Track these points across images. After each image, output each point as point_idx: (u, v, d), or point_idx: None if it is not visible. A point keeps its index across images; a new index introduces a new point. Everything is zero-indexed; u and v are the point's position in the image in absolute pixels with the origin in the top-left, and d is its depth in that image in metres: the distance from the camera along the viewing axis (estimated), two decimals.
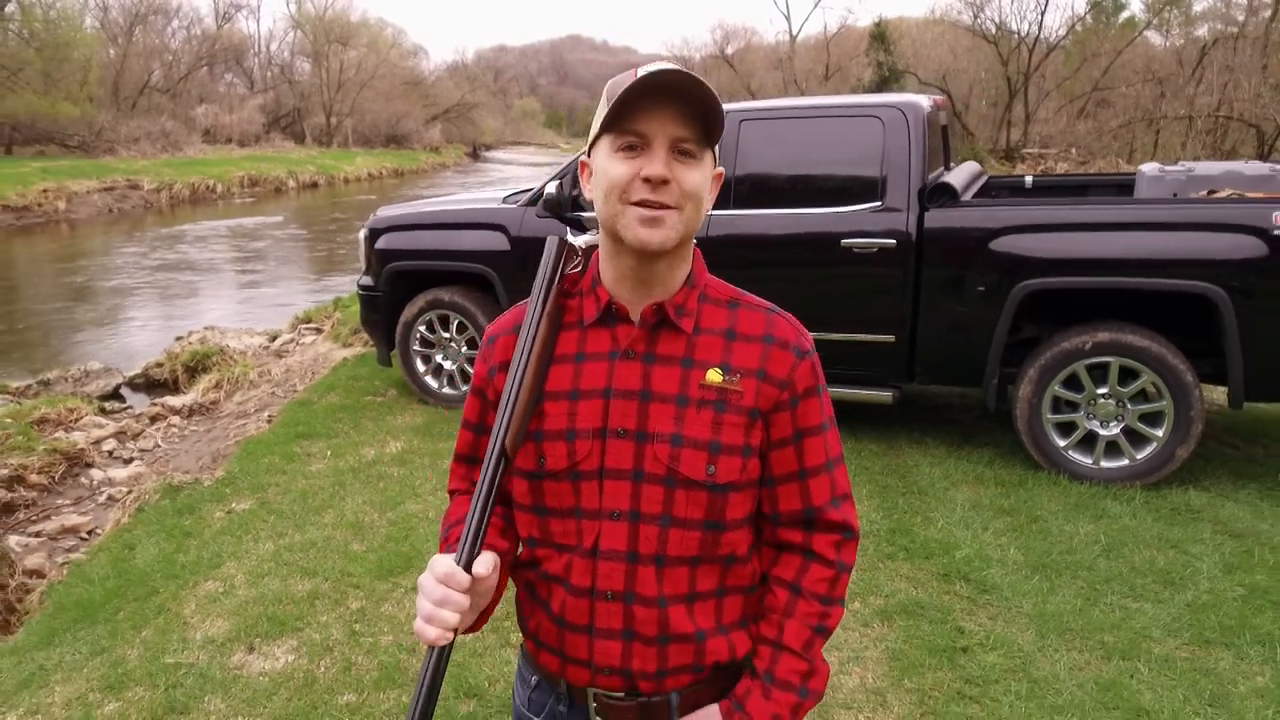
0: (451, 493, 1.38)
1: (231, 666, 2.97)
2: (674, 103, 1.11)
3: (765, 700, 1.20)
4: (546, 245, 1.23)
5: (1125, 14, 31.43)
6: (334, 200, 31.82)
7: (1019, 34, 30.14)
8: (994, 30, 30.73)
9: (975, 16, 31.17)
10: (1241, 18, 24.65)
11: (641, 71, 1.11)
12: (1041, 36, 29.90)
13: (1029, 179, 6.05)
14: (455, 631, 1.09)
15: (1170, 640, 3.06)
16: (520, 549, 1.28)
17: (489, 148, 69.68)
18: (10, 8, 36.11)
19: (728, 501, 1.19)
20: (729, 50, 53.88)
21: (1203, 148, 22.66)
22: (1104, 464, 4.36)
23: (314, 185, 37.57)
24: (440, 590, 1.08)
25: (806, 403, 1.23)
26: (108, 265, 16.77)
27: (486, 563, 1.11)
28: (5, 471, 5.42)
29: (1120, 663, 2.93)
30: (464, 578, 1.08)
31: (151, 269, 16.28)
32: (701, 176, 1.15)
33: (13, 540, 4.73)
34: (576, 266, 1.25)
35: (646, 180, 1.11)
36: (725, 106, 4.33)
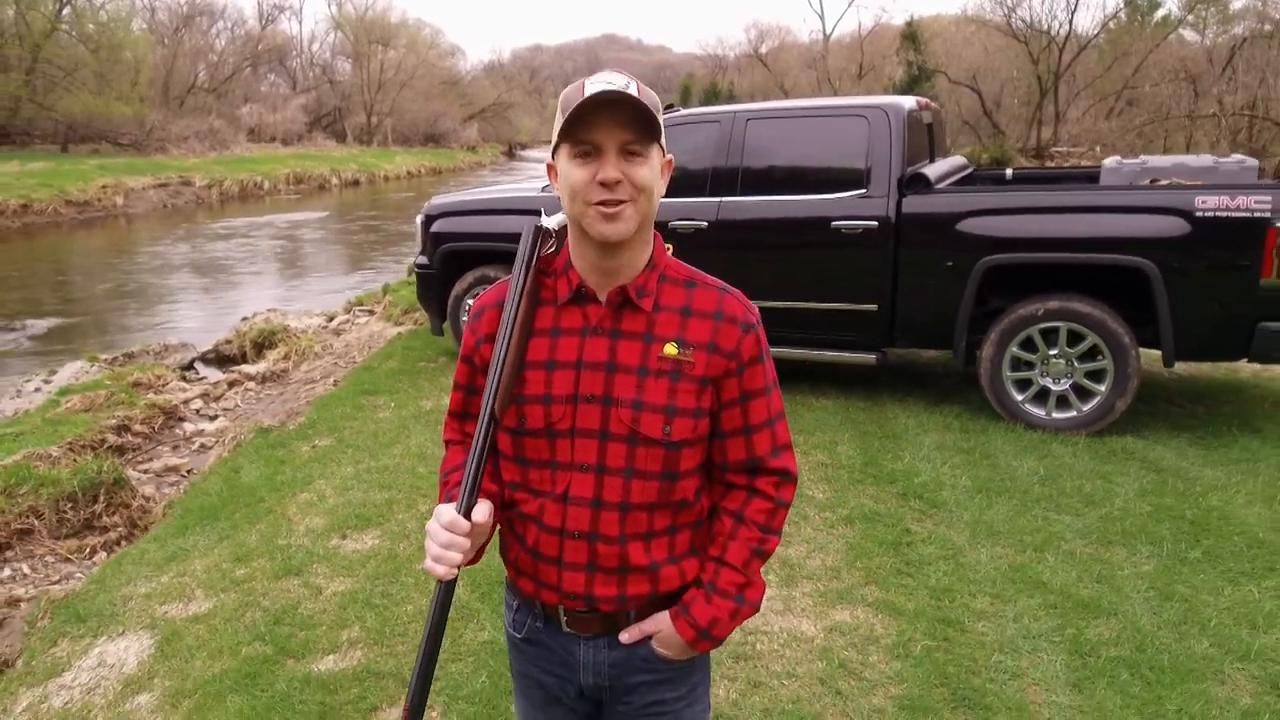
0: (447, 443, 1.56)
1: (330, 547, 3.81)
2: (618, 112, 1.26)
3: (707, 605, 1.41)
4: (523, 231, 1.40)
5: (1161, 12, 31.26)
6: (375, 197, 32.91)
7: (1049, 33, 30.28)
8: (1025, 29, 30.86)
9: (1008, 16, 31.28)
10: (1279, 16, 24.74)
11: (588, 89, 1.27)
12: (1072, 35, 30.03)
13: (1009, 171, 6.75)
14: (456, 571, 1.28)
15: (1078, 540, 3.78)
16: (504, 493, 1.46)
17: (524, 147, 70.64)
18: (66, 10, 37.39)
19: (681, 456, 1.38)
20: (763, 49, 54.39)
21: (1232, 146, 22.90)
22: (1055, 415, 5.06)
23: (355, 183, 38.72)
24: (445, 535, 1.27)
25: (751, 369, 1.41)
26: (167, 256, 17.86)
27: (483, 511, 1.30)
28: (114, 421, 6.33)
29: (1032, 553, 3.66)
30: (465, 524, 1.28)
31: (207, 260, 17.35)
32: (650, 170, 1.31)
33: (129, 473, 5.63)
34: (551, 247, 1.42)
35: (602, 184, 1.27)
36: (733, 107, 5.16)
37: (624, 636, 1.44)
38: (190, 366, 9.00)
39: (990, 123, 33.39)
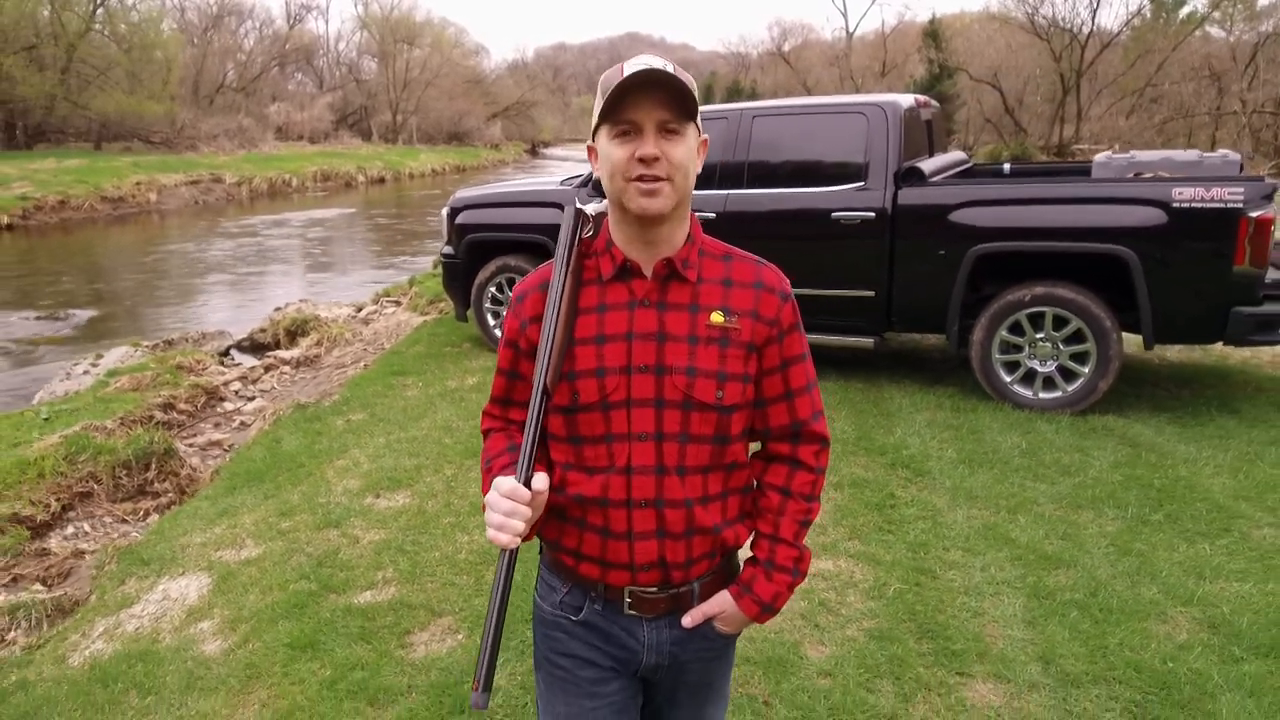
0: (485, 432, 1.56)
1: (365, 504, 4.21)
2: (656, 92, 1.30)
3: (768, 582, 1.47)
4: (564, 214, 1.43)
5: (1186, 9, 31.03)
6: (400, 195, 33.47)
7: (1072, 30, 30.24)
8: (1047, 27, 30.83)
9: (1032, 15, 31.21)
10: None
11: (627, 69, 1.31)
12: (1094, 33, 29.99)
13: (1007, 165, 7.04)
14: (520, 539, 1.28)
15: (1050, 505, 4.10)
16: (553, 476, 1.44)
17: (547, 145, 71.05)
18: (99, 11, 38.16)
19: (731, 420, 1.42)
20: (785, 47, 54.52)
21: (1255, 145, 22.90)
22: (1041, 395, 5.36)
23: (381, 180, 39.31)
24: (507, 504, 1.27)
25: (790, 336, 1.47)
26: (200, 251, 18.42)
27: (542, 480, 1.32)
28: (160, 399, 6.77)
29: (1006, 515, 3.99)
30: (525, 493, 1.28)
31: (238, 254, 17.89)
32: (686, 149, 1.34)
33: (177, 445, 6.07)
34: (589, 231, 1.44)
35: (641, 160, 1.31)
36: (739, 105, 5.53)
37: (687, 620, 1.47)
38: (227, 353, 9.45)
39: (1012, 120, 33.46)
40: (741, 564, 1.55)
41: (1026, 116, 33.60)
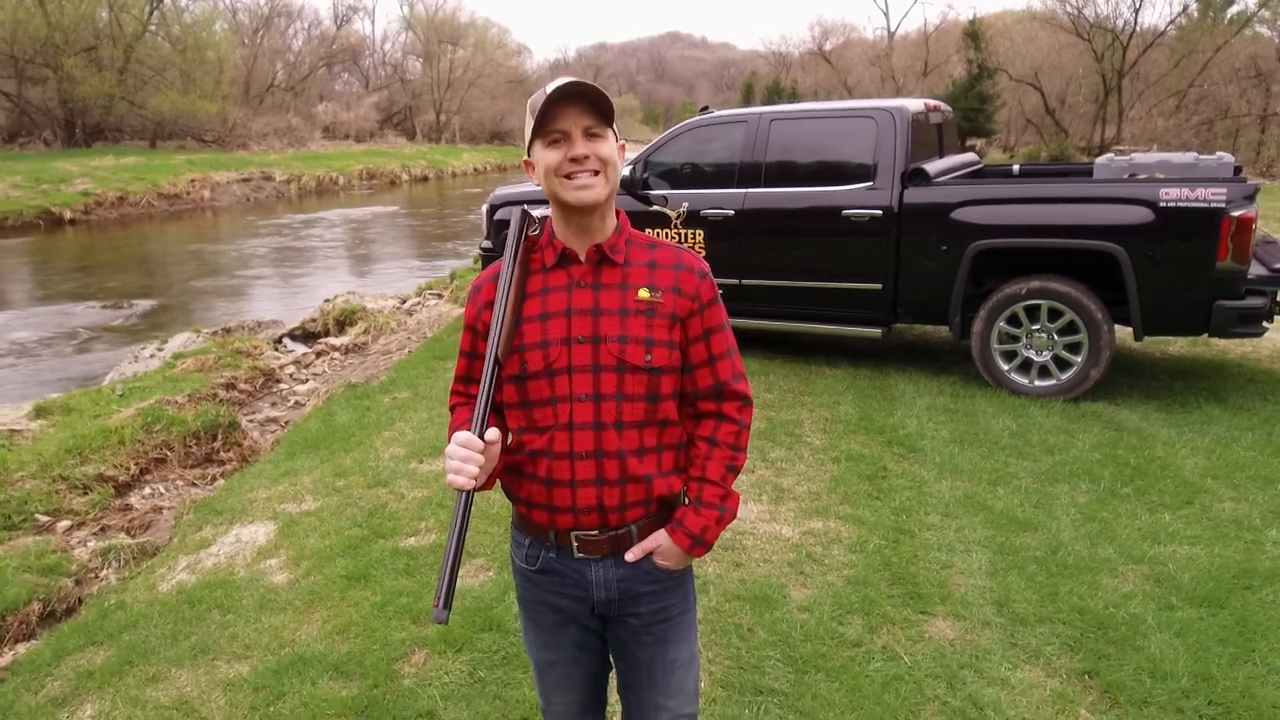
0: (452, 408, 1.78)
1: (409, 468, 4.71)
2: (579, 102, 1.53)
3: (697, 516, 1.68)
4: (514, 216, 1.64)
5: (1235, 7, 30.54)
6: (442, 193, 34.26)
7: (1114, 31, 30.05)
8: (1090, 27, 30.66)
9: (1075, 15, 31.02)
10: None
11: (550, 88, 1.52)
12: (1137, 32, 29.77)
13: (1017, 167, 7.38)
14: (475, 481, 1.48)
15: (1029, 478, 4.47)
16: (509, 439, 1.67)
17: None
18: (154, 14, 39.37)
19: (661, 380, 1.64)
20: (827, 47, 54.55)
21: None
22: (1037, 383, 5.72)
23: (424, 179, 40.17)
24: (462, 451, 1.48)
25: (710, 309, 1.69)
26: (252, 245, 19.22)
27: (494, 432, 1.52)
28: (222, 380, 7.37)
29: (986, 486, 4.37)
30: (479, 442, 1.49)
31: (288, 249, 18.65)
32: (610, 147, 1.57)
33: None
34: (535, 230, 1.65)
35: (573, 160, 1.54)
36: (758, 110, 6.03)
37: (629, 555, 1.67)
38: (280, 340, 10.08)
39: (1053, 120, 33.33)
40: None
41: (1068, 117, 33.44)
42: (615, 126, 1.62)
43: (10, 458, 5.26)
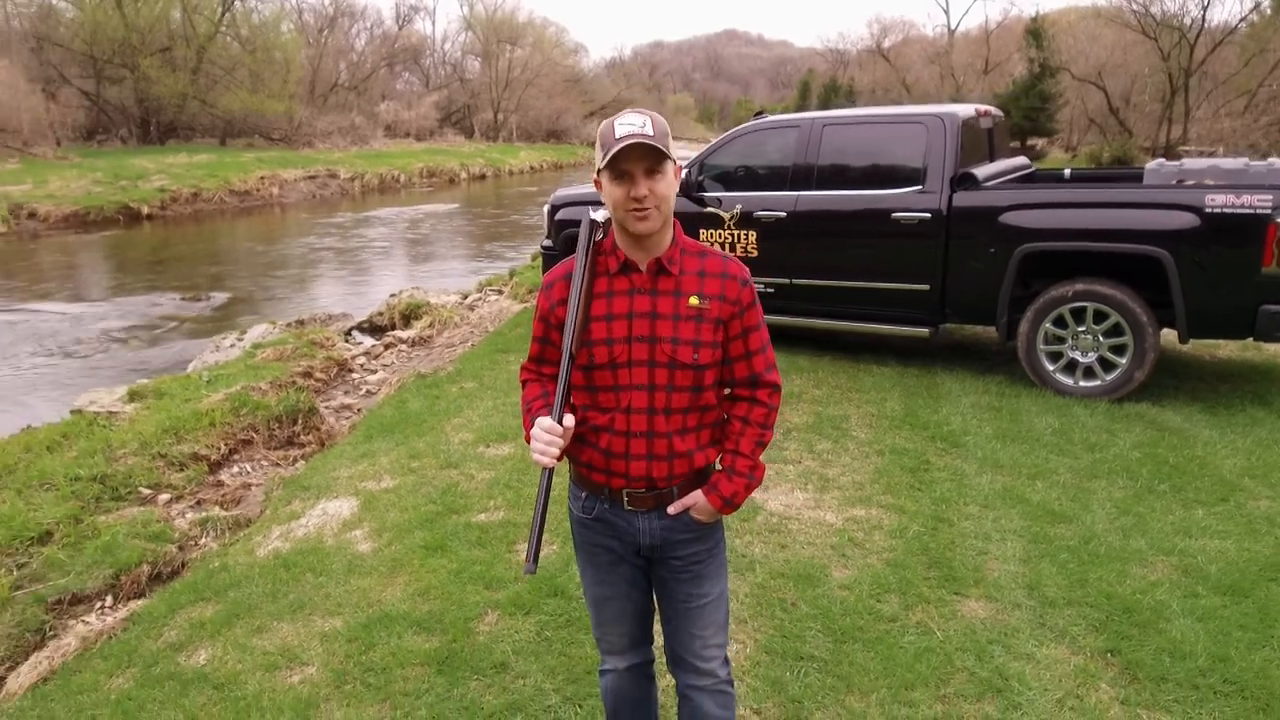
0: (523, 382, 2.08)
1: (478, 452, 5.06)
2: (641, 149, 1.78)
3: (729, 482, 1.98)
4: (582, 223, 1.90)
5: None
6: (499, 191, 34.88)
7: (1181, 29, 29.36)
8: (1156, 25, 29.99)
9: (1142, 12, 30.32)
10: None
11: (618, 131, 1.78)
12: (1205, 30, 29.06)
13: (1068, 171, 7.49)
14: (556, 461, 1.80)
15: (1068, 474, 4.65)
16: (577, 413, 1.96)
17: None
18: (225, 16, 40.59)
19: (705, 375, 1.92)
20: (885, 44, 54.10)
21: None
22: (1082, 383, 5.85)
23: (482, 177, 40.90)
24: (546, 436, 1.79)
25: (749, 311, 1.96)
26: (320, 241, 19.91)
27: (570, 419, 1.85)
28: (300, 369, 7.83)
29: (1025, 480, 4.56)
30: (559, 427, 1.80)
31: (353, 244, 19.29)
32: (666, 184, 1.82)
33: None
34: (600, 234, 1.92)
35: (634, 199, 1.80)
36: (811, 115, 6.31)
37: (671, 509, 1.98)
38: (349, 333, 10.57)
39: (1116, 120, 32.66)
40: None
41: (1133, 116, 32.72)
42: (672, 155, 1.84)
43: (113, 437, 5.74)
